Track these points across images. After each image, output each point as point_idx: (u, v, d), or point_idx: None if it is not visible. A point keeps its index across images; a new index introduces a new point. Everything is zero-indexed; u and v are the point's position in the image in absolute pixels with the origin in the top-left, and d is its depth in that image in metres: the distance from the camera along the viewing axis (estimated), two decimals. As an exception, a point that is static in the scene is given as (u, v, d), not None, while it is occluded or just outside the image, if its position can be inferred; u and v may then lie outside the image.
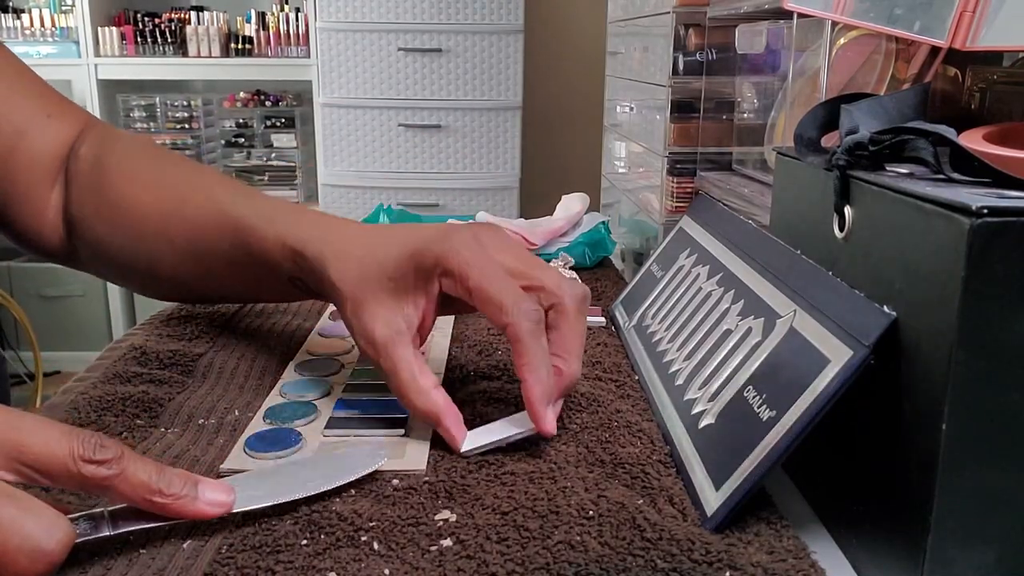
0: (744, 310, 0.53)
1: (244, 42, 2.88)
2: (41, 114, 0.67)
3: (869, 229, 0.42)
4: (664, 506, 0.45)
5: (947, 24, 0.49)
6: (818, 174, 0.49)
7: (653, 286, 0.72)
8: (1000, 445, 0.35)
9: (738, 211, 0.71)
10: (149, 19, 2.90)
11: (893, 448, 0.39)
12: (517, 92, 2.69)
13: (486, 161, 2.73)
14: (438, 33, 2.63)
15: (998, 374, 0.34)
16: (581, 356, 0.53)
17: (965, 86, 0.58)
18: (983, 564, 0.36)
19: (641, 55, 1.17)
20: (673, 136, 0.97)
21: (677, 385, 0.55)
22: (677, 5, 0.94)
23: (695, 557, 0.40)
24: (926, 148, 0.41)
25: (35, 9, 2.87)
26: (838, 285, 0.44)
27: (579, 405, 0.57)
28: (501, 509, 0.44)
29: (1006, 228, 0.33)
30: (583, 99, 3.04)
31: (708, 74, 0.94)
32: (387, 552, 0.41)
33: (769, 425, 0.43)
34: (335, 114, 2.70)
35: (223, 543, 0.41)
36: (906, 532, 0.37)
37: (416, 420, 0.54)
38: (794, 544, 0.41)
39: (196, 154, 2.97)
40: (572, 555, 0.40)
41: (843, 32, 0.61)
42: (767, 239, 0.56)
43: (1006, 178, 0.38)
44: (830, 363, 0.41)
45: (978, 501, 0.35)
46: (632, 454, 0.50)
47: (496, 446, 0.50)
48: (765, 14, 0.78)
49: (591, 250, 0.97)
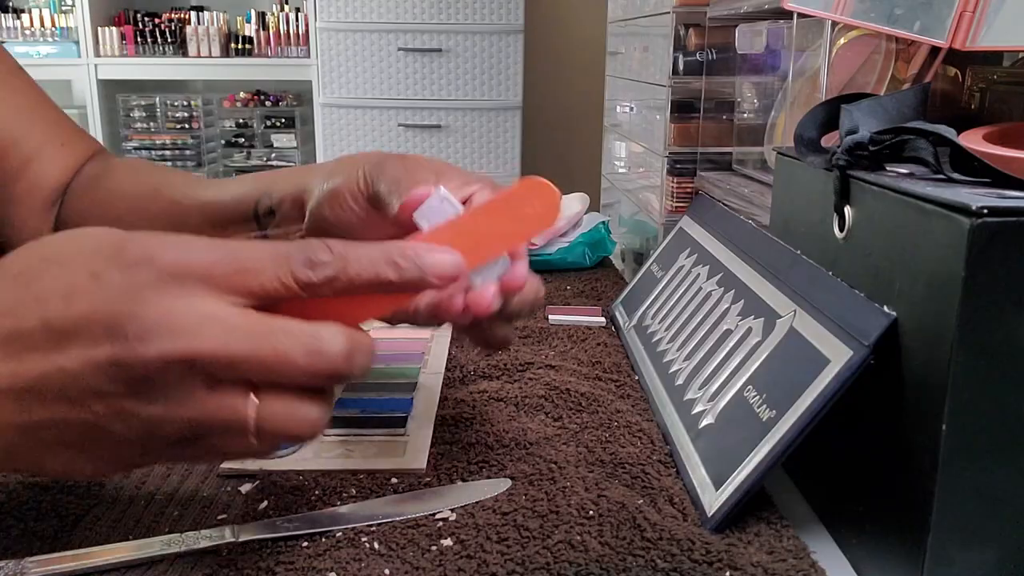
0: (744, 310, 0.53)
1: (244, 42, 2.88)
2: (55, 141, 0.68)
3: (869, 229, 0.42)
4: (664, 506, 0.45)
5: (947, 24, 0.49)
6: (818, 174, 0.49)
7: (653, 286, 0.72)
8: (1000, 445, 0.35)
9: (738, 211, 0.71)
10: (149, 19, 2.90)
11: (893, 448, 0.39)
12: (517, 92, 2.69)
13: (486, 161, 2.73)
14: (438, 33, 2.63)
15: (998, 374, 0.34)
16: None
17: (965, 86, 0.58)
18: (983, 564, 0.36)
19: (641, 55, 1.17)
20: (673, 136, 0.97)
21: (677, 385, 0.55)
22: (677, 5, 0.94)
23: (695, 557, 0.40)
24: (926, 148, 0.41)
25: (35, 9, 2.87)
26: (838, 285, 0.44)
27: (579, 405, 0.57)
28: (501, 509, 0.44)
29: (1006, 228, 0.33)
30: (583, 99, 3.04)
31: (708, 74, 0.94)
32: (387, 552, 0.41)
33: (769, 425, 0.43)
34: (335, 114, 2.70)
35: (224, 544, 0.41)
36: (906, 532, 0.37)
37: (416, 414, 0.54)
38: (794, 544, 0.41)
39: (196, 154, 2.97)
40: (572, 555, 0.40)
41: (843, 32, 0.61)
42: (767, 239, 0.56)
43: (1006, 178, 0.38)
44: (830, 363, 0.41)
45: (978, 501, 0.35)
46: (632, 454, 0.50)
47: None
48: (765, 14, 0.78)
49: (591, 250, 0.97)
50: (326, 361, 0.34)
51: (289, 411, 0.34)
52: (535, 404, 0.57)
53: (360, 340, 0.35)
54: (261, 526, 0.42)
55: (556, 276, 0.93)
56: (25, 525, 0.42)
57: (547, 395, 0.58)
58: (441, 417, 0.55)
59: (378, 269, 0.35)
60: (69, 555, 0.39)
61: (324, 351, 0.34)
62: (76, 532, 0.42)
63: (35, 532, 0.42)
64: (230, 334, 0.33)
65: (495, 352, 0.66)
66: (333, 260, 0.34)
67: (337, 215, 0.50)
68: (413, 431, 0.53)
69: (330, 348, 0.34)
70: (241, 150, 3.03)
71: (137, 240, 0.34)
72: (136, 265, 0.33)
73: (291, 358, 0.33)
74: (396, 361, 0.65)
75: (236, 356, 0.32)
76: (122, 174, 0.68)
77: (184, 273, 0.33)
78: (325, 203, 0.50)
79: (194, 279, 0.33)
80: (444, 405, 0.57)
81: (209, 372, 0.33)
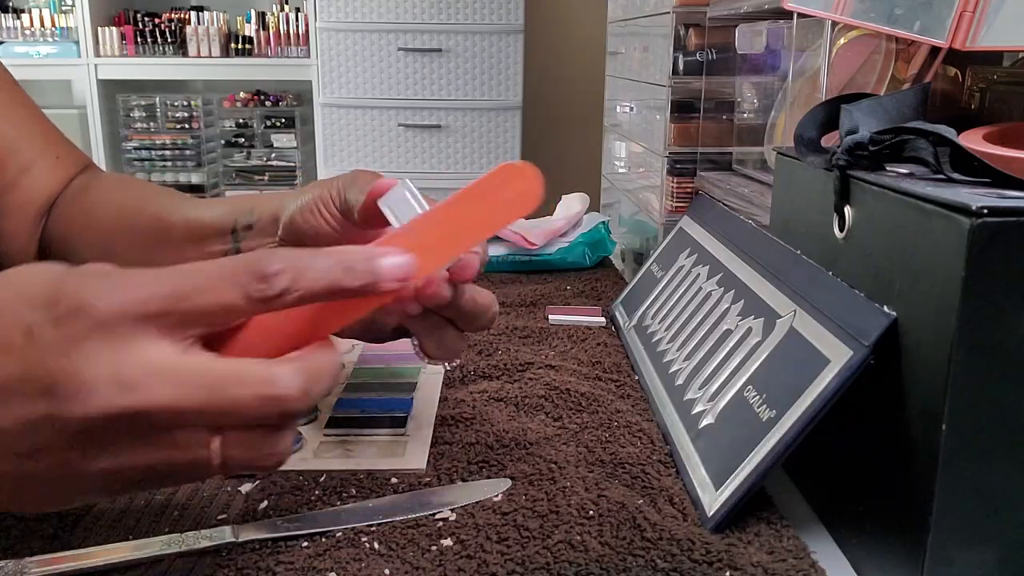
0: (744, 310, 0.53)
1: (244, 42, 2.88)
2: (50, 155, 0.69)
3: (869, 229, 0.42)
4: (664, 506, 0.45)
5: (947, 24, 0.49)
6: (818, 174, 0.49)
7: (653, 286, 0.72)
8: (1000, 445, 0.35)
9: (738, 211, 0.71)
10: (149, 19, 2.90)
11: (893, 448, 0.39)
12: (517, 92, 2.69)
13: (486, 161, 2.73)
14: (438, 33, 2.63)
15: (998, 374, 0.34)
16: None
17: (965, 86, 0.58)
18: (983, 564, 0.36)
19: (641, 55, 1.17)
20: (673, 136, 0.97)
21: (677, 385, 0.55)
22: (677, 5, 0.94)
23: (695, 557, 0.40)
24: (926, 148, 0.41)
25: (35, 9, 2.87)
26: (838, 285, 0.44)
27: (579, 405, 0.57)
28: (501, 509, 0.44)
29: (1006, 228, 0.33)
30: (583, 99, 3.04)
31: (708, 74, 0.94)
32: (387, 552, 0.41)
33: (769, 425, 0.43)
34: (335, 114, 2.70)
35: (224, 544, 0.41)
36: (906, 532, 0.37)
37: (415, 416, 0.54)
38: (794, 544, 0.41)
39: (196, 154, 2.97)
40: (572, 555, 0.40)
41: (843, 32, 0.61)
42: (767, 239, 0.56)
43: (1006, 178, 0.38)
44: (830, 363, 0.41)
45: (978, 501, 0.35)
46: (632, 454, 0.50)
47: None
48: (765, 14, 0.78)
49: (591, 250, 0.97)
50: (282, 404, 0.33)
51: (251, 446, 0.34)
52: (535, 404, 0.57)
53: (318, 368, 0.34)
54: (261, 526, 0.42)
55: (556, 276, 0.93)
56: (25, 525, 0.42)
57: (547, 395, 0.58)
58: (441, 417, 0.55)
59: (333, 275, 0.34)
60: (69, 555, 0.39)
61: (278, 396, 0.33)
62: (76, 532, 0.42)
63: (35, 532, 0.42)
64: (177, 386, 0.32)
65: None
66: (285, 270, 0.33)
67: (310, 224, 0.50)
68: (413, 431, 0.53)
69: (285, 391, 0.33)
70: (241, 150, 3.03)
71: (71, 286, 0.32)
72: (69, 317, 0.32)
73: (244, 406, 0.32)
74: (396, 361, 0.65)
75: (185, 408, 0.32)
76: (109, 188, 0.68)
77: (120, 318, 0.32)
78: (298, 213, 0.51)
79: (132, 322, 0.32)
80: (444, 405, 0.57)
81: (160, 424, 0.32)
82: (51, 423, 0.31)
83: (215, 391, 0.32)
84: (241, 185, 3.01)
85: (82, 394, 0.31)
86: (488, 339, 0.71)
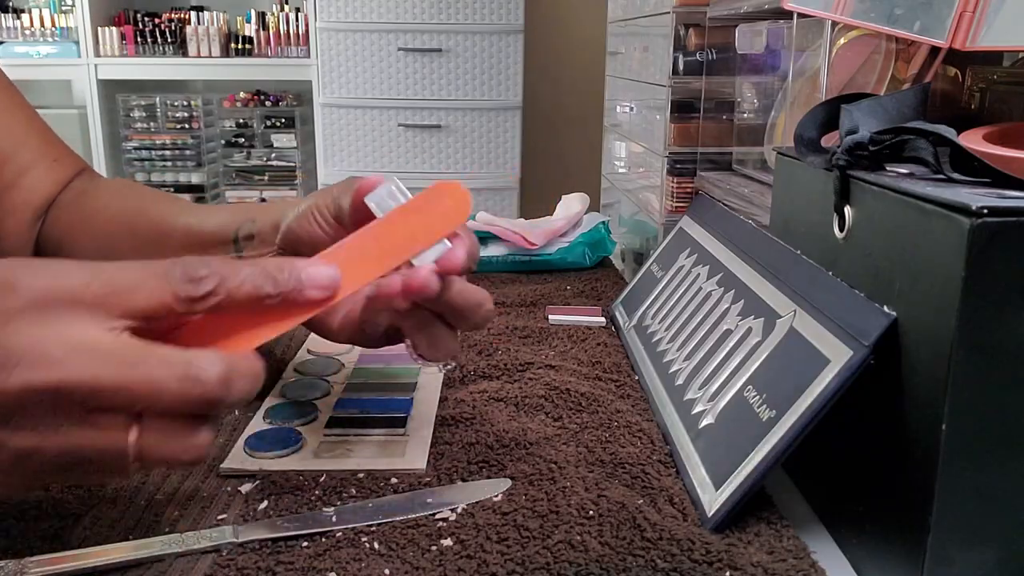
0: (744, 310, 0.53)
1: (244, 42, 2.88)
2: (48, 157, 0.69)
3: (869, 229, 0.42)
4: (664, 506, 0.45)
5: (947, 24, 0.49)
6: (818, 174, 0.49)
7: (653, 286, 0.72)
8: (1000, 445, 0.35)
9: (738, 211, 0.71)
10: (149, 19, 2.90)
11: (893, 448, 0.39)
12: (517, 92, 2.69)
13: (486, 161, 2.73)
14: (438, 33, 2.63)
15: (998, 374, 0.34)
16: None
17: (965, 86, 0.58)
18: (983, 564, 0.36)
19: (641, 55, 1.17)
20: (673, 136, 0.97)
21: (677, 385, 0.55)
22: (677, 5, 0.94)
23: (695, 557, 0.40)
24: (926, 148, 0.41)
25: (35, 9, 2.87)
26: (838, 285, 0.44)
27: (579, 405, 0.57)
28: (501, 509, 0.44)
29: (1006, 228, 0.33)
30: (583, 99, 3.04)
31: (708, 74, 0.94)
32: (387, 552, 0.41)
33: (769, 425, 0.43)
34: (335, 114, 2.70)
35: (224, 544, 0.41)
36: (906, 532, 0.37)
37: (415, 417, 0.54)
38: (794, 544, 0.41)
39: (196, 154, 2.97)
40: (572, 555, 0.40)
41: (843, 32, 0.61)
42: (767, 239, 0.56)
43: (1006, 178, 0.38)
44: (830, 363, 0.41)
45: (978, 501, 0.35)
46: (632, 454, 0.50)
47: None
48: (765, 14, 0.78)
49: (591, 250, 0.97)
50: (201, 388, 0.34)
51: (170, 438, 0.34)
52: (535, 404, 0.57)
53: (241, 365, 0.35)
54: (261, 526, 0.42)
55: (556, 276, 0.93)
56: (25, 525, 0.42)
57: (547, 395, 0.58)
58: (441, 417, 0.55)
59: (256, 282, 0.36)
60: (69, 555, 0.39)
61: (199, 378, 0.33)
62: (76, 532, 0.42)
63: (35, 532, 0.42)
64: (100, 363, 0.32)
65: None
66: (211, 274, 0.35)
67: (306, 231, 0.51)
68: (413, 431, 0.53)
69: (206, 375, 0.34)
70: (241, 150, 3.03)
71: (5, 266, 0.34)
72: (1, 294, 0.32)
73: (164, 386, 0.33)
74: (396, 361, 0.65)
75: (105, 385, 0.32)
76: (109, 193, 0.69)
77: (52, 299, 0.33)
78: (295, 221, 0.51)
79: (63, 304, 0.33)
80: (444, 405, 0.57)
81: (80, 401, 0.32)
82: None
83: (135, 368, 0.33)
84: (241, 185, 3.01)
85: (7, 367, 0.31)
86: (488, 339, 0.71)
